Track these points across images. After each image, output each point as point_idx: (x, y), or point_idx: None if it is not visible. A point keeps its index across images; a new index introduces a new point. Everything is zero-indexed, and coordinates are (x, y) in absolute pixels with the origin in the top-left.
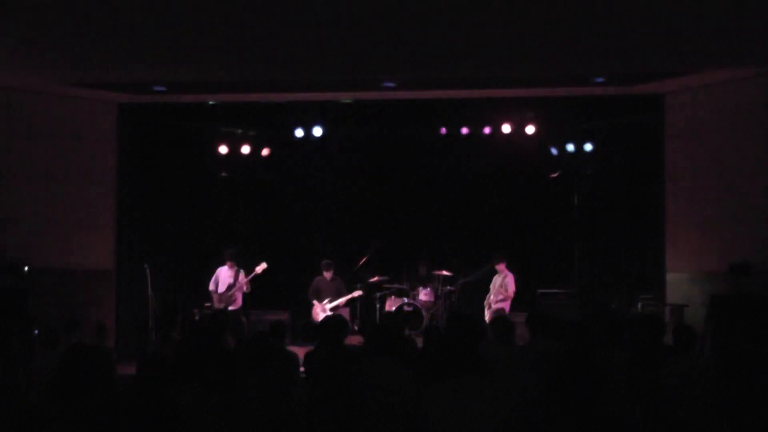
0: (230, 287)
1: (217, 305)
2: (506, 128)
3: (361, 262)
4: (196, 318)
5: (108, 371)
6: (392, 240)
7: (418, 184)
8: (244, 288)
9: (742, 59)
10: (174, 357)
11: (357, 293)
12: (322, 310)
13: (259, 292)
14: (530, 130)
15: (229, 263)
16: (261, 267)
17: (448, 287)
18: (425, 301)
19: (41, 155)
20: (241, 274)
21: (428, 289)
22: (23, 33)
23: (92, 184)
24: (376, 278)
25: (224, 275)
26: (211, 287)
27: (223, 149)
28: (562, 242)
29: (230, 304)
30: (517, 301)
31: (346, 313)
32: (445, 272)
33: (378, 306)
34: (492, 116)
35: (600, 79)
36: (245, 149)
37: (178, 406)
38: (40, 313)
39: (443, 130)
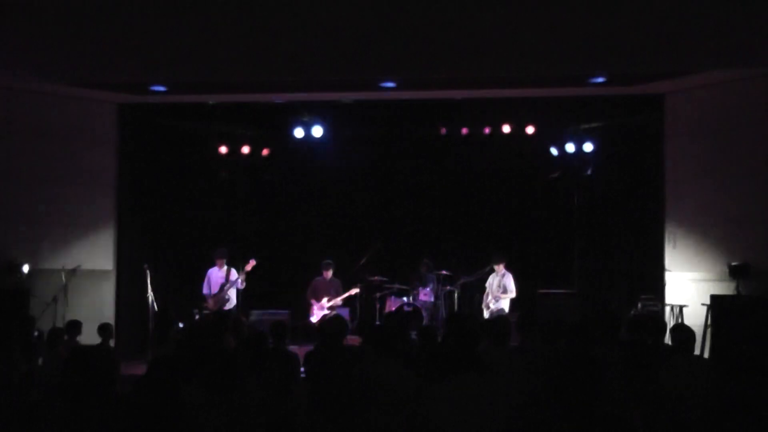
0: (222, 286)
1: (212, 307)
2: (506, 128)
3: (361, 262)
4: (196, 318)
5: (110, 371)
6: (392, 240)
7: (418, 184)
8: (238, 284)
9: (742, 59)
10: (174, 357)
11: (354, 290)
12: (319, 309)
13: (259, 292)
14: (530, 130)
15: (219, 263)
16: (250, 264)
17: (448, 287)
18: (425, 301)
19: (41, 155)
20: (233, 272)
21: (428, 289)
22: (23, 33)
23: (92, 184)
24: (376, 278)
25: (215, 276)
26: (205, 290)
27: (223, 149)
28: (562, 242)
29: (224, 304)
30: (517, 301)
31: (345, 313)
32: (445, 272)
33: (378, 306)
34: (492, 116)
35: (600, 79)
36: (245, 149)
37: (182, 406)
38: (40, 313)
39: (443, 130)
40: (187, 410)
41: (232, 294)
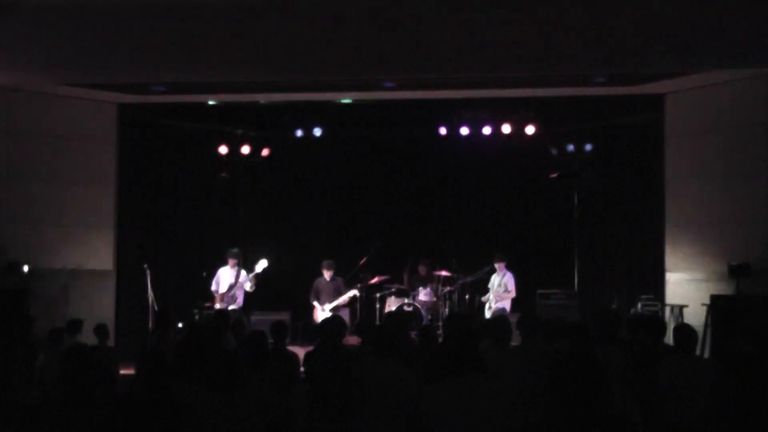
0: (231, 287)
1: (219, 305)
2: (506, 128)
3: (362, 263)
4: (196, 318)
5: (109, 371)
6: (392, 240)
7: (417, 184)
8: (247, 287)
9: (742, 59)
10: (174, 357)
11: (353, 292)
12: (322, 312)
13: (260, 292)
14: (530, 130)
15: (231, 263)
16: (261, 266)
17: (448, 287)
18: (425, 301)
19: (41, 155)
20: (243, 273)
21: (428, 289)
22: (23, 33)
23: (92, 184)
24: (376, 278)
25: (225, 275)
26: (213, 287)
27: (223, 149)
28: (562, 242)
29: (231, 304)
30: (517, 301)
31: (346, 313)
32: (445, 272)
33: (378, 306)
34: (492, 116)
35: (600, 79)
36: (245, 149)
37: (179, 404)
38: (40, 313)
39: (443, 130)
40: (187, 410)
41: (240, 295)
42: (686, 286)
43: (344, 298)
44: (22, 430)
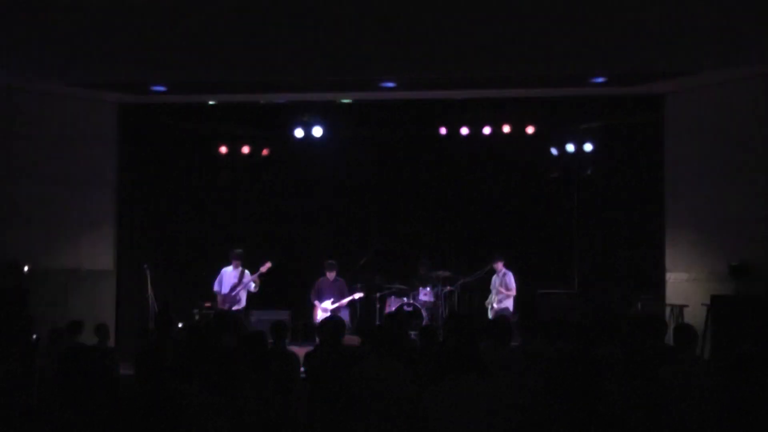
0: (234, 287)
1: (221, 306)
2: (506, 128)
3: (361, 263)
4: (196, 318)
5: (109, 371)
6: (392, 240)
7: (418, 184)
8: (251, 287)
9: (742, 59)
10: (174, 357)
11: (358, 295)
12: (323, 311)
13: (260, 291)
14: (530, 130)
15: (234, 263)
16: (266, 266)
17: (448, 287)
18: (425, 301)
19: (41, 155)
20: (246, 274)
21: (428, 289)
22: (23, 33)
23: (92, 184)
24: (375, 278)
25: (228, 276)
26: (216, 288)
27: (223, 149)
28: (562, 242)
29: (234, 304)
30: (517, 301)
31: (346, 313)
32: (445, 272)
33: (378, 306)
34: (492, 116)
35: (600, 79)
36: (245, 149)
37: (179, 404)
38: (40, 313)
39: (443, 130)
40: (187, 410)
41: (243, 296)
42: (686, 286)
43: (347, 300)
44: (22, 430)
